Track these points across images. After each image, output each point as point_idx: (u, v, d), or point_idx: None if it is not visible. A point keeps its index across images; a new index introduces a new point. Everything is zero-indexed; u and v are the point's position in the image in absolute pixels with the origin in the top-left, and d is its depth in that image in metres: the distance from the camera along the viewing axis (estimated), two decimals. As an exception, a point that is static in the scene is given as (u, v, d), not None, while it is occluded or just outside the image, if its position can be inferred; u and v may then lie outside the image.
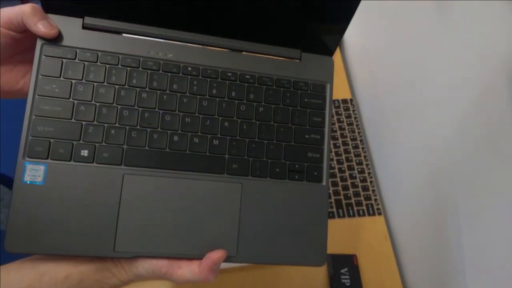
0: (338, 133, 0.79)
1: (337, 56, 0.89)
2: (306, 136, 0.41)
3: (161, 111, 0.37)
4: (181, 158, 0.37)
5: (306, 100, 0.41)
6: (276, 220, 0.38)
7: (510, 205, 0.41)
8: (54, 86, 0.35)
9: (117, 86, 0.37)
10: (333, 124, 0.78)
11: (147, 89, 0.37)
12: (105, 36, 0.37)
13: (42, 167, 0.33)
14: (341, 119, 0.80)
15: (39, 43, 0.36)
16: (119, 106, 0.36)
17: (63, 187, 0.34)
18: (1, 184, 0.67)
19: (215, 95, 0.39)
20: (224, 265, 0.44)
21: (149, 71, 0.38)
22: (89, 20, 0.37)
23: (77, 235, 0.33)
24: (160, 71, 0.38)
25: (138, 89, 0.37)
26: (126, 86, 0.37)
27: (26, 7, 0.34)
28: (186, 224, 0.36)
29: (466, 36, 0.47)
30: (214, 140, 0.38)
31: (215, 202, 0.37)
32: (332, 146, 0.75)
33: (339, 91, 0.84)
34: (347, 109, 0.82)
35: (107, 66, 0.37)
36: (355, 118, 0.80)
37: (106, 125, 0.36)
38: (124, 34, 0.38)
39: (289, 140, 0.40)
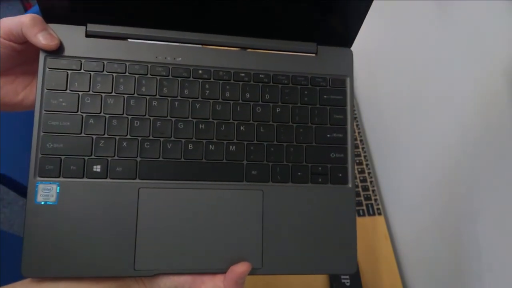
0: None
1: None
2: (328, 136, 0.38)
3: (173, 119, 0.35)
4: (197, 167, 0.35)
5: (325, 96, 0.39)
6: (301, 227, 0.36)
7: (510, 205, 0.40)
8: (61, 100, 0.33)
9: (126, 96, 0.34)
10: None
11: (158, 96, 0.35)
12: (110, 43, 0.35)
13: (54, 186, 0.32)
14: None
15: (42, 55, 0.34)
16: (129, 117, 0.34)
17: (77, 206, 0.32)
18: (1, 184, 0.65)
19: (228, 98, 0.36)
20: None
21: (158, 78, 0.35)
22: (92, 27, 0.35)
23: (95, 256, 0.31)
24: (170, 77, 0.35)
25: (148, 97, 0.35)
26: (136, 95, 0.35)
27: (26, 18, 0.31)
28: (207, 237, 0.34)
29: (466, 36, 0.46)
30: (231, 146, 0.35)
31: (236, 212, 0.34)
32: None
33: None
34: None
35: (114, 75, 0.35)
36: (355, 118, 0.79)
37: (117, 137, 0.34)
38: (129, 40, 0.35)
39: (310, 141, 0.38)
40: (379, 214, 0.69)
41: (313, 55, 0.39)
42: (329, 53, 0.39)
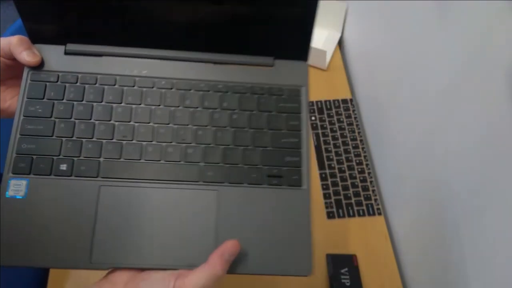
0: (338, 133, 0.77)
1: (337, 56, 0.89)
2: (283, 140, 0.40)
3: (136, 124, 0.39)
4: (156, 168, 0.38)
5: (281, 104, 0.41)
6: (256, 227, 0.37)
7: (511, 205, 0.40)
8: (37, 107, 0.38)
9: (94, 103, 0.39)
10: (333, 124, 0.78)
11: (123, 104, 0.39)
12: (85, 59, 0.40)
13: (24, 182, 0.36)
14: (341, 119, 0.79)
15: (26, 70, 0.39)
16: (96, 122, 0.38)
17: (43, 201, 0.36)
18: (1, 184, 0.67)
19: (188, 105, 0.40)
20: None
21: (124, 88, 0.39)
22: (70, 46, 0.40)
23: (55, 248, 0.35)
24: (135, 87, 0.39)
25: (114, 105, 0.39)
26: (103, 103, 0.39)
27: (14, 38, 0.37)
28: (162, 234, 0.36)
29: (466, 36, 0.46)
30: (188, 149, 0.39)
31: (191, 211, 0.37)
32: (332, 146, 0.75)
33: (339, 91, 0.84)
34: (347, 109, 0.81)
35: (86, 86, 0.39)
36: (355, 118, 0.79)
37: (84, 140, 0.38)
38: (104, 57, 0.40)
39: (266, 145, 0.40)
40: (379, 214, 0.69)
41: (271, 67, 0.42)
42: (285, 66, 0.42)
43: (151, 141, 0.38)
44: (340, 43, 0.91)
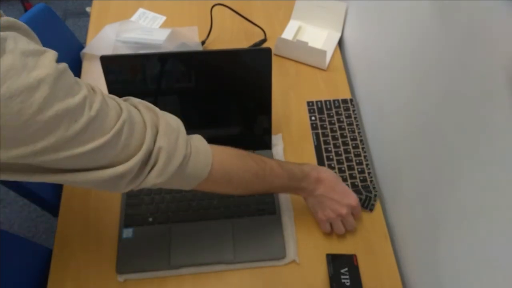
0: (338, 133, 0.80)
1: (337, 56, 0.94)
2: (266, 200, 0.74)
3: (194, 203, 0.74)
4: (198, 214, 0.73)
5: None
6: (253, 236, 0.70)
7: (510, 204, 0.41)
8: (133, 197, 0.74)
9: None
10: (333, 124, 0.83)
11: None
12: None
13: (131, 229, 0.71)
14: (341, 119, 0.82)
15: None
16: (165, 195, 0.73)
17: (141, 238, 0.71)
18: (1, 184, 0.67)
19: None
20: (221, 267, 0.68)
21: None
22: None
23: (147, 259, 0.69)
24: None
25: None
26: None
27: None
28: (207, 242, 0.71)
29: (466, 35, 0.47)
30: (214, 202, 0.73)
31: (223, 230, 0.71)
32: (332, 146, 0.80)
33: (339, 91, 0.88)
34: (347, 109, 0.84)
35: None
36: (355, 118, 0.82)
37: (159, 204, 0.73)
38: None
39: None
40: (379, 213, 0.71)
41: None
42: (261, 154, 0.73)
43: (193, 200, 0.73)
44: (340, 43, 0.95)
